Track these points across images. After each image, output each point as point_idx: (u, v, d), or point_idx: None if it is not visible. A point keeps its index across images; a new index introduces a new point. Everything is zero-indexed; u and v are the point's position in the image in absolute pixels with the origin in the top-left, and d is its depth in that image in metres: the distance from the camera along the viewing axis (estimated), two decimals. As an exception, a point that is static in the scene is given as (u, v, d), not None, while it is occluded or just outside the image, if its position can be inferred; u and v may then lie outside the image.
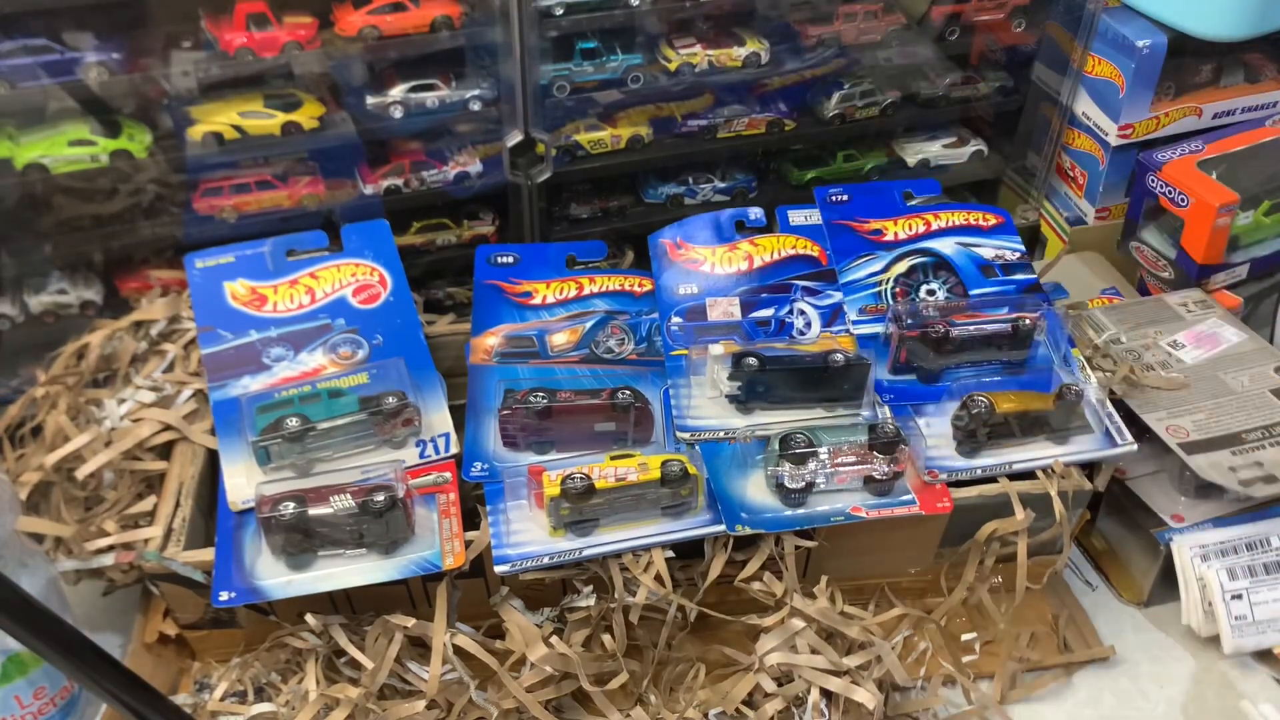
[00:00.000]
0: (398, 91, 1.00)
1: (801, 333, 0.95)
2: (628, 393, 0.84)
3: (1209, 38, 1.06)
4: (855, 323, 0.95)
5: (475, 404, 0.88)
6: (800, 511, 0.81)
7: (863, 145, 1.20)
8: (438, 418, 0.87)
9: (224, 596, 0.76)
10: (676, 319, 0.94)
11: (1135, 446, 0.86)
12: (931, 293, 0.96)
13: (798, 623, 0.80)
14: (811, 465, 0.81)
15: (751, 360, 0.86)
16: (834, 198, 1.02)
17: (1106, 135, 1.15)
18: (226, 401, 0.87)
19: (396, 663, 0.78)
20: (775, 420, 0.87)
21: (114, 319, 0.98)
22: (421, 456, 0.84)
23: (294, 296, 0.93)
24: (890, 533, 0.85)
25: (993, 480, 0.85)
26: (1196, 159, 1.09)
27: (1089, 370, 0.92)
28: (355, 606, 0.82)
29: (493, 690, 0.80)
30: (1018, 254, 0.98)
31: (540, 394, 0.83)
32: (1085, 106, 1.16)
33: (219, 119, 0.97)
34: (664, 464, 0.79)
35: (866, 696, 0.78)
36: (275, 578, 0.77)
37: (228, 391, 0.87)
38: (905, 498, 0.82)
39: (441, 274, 1.13)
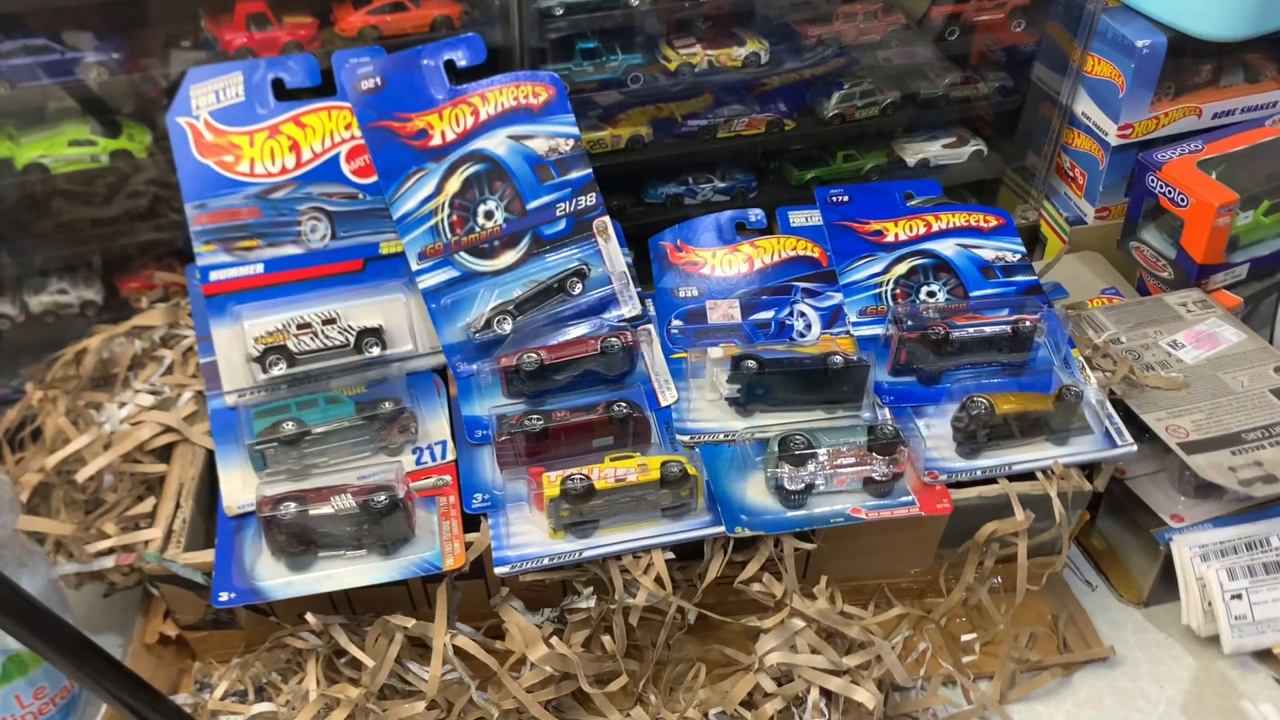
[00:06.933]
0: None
1: (802, 335, 0.95)
2: (623, 405, 0.83)
3: (1209, 38, 1.06)
4: (855, 324, 0.95)
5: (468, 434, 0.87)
6: (800, 513, 0.81)
7: (863, 145, 1.20)
8: (434, 425, 0.87)
9: (224, 597, 0.76)
10: (677, 322, 0.94)
11: (1135, 447, 0.86)
12: (932, 294, 0.96)
13: (797, 623, 0.80)
14: (811, 467, 0.81)
15: (751, 363, 0.86)
16: (834, 198, 1.02)
17: (1106, 135, 1.15)
18: (224, 410, 0.87)
19: (397, 663, 0.79)
20: (775, 422, 0.87)
21: (114, 319, 0.98)
22: (418, 464, 0.84)
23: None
24: (890, 534, 0.85)
25: (992, 481, 0.85)
26: (1196, 159, 1.09)
27: (1089, 371, 0.92)
28: (355, 607, 0.82)
29: (493, 690, 0.80)
30: (1018, 255, 0.98)
31: (535, 416, 0.83)
32: (1085, 106, 1.16)
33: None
34: (663, 465, 0.79)
35: (866, 696, 0.78)
36: (275, 578, 0.77)
37: (224, 400, 0.87)
38: (905, 499, 0.82)
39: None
